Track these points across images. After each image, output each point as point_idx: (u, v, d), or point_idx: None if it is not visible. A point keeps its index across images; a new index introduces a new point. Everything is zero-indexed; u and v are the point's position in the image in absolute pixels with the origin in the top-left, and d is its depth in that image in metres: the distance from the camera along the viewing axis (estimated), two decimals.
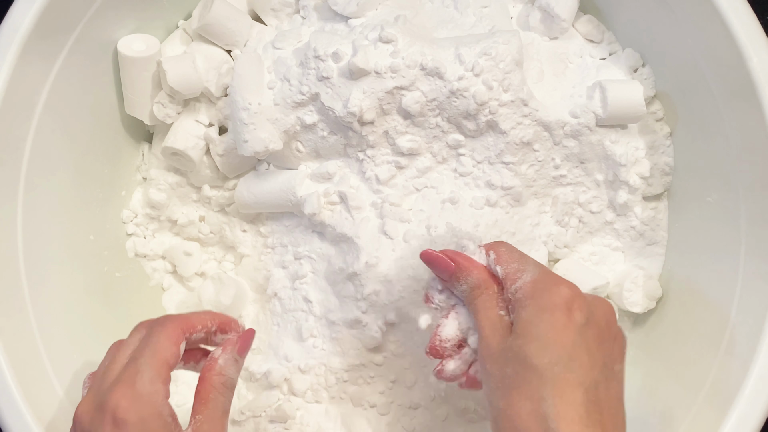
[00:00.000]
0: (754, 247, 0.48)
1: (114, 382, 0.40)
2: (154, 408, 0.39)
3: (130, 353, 0.42)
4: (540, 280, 0.40)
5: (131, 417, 0.38)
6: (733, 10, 0.46)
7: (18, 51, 0.47)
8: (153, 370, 0.40)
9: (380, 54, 0.51)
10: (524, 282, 0.40)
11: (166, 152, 0.58)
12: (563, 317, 0.38)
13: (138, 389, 0.39)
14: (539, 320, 0.38)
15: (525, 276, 0.41)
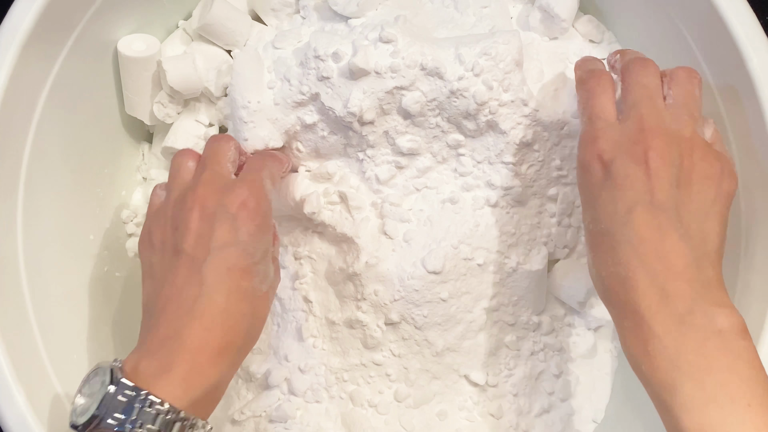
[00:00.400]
0: (754, 247, 0.48)
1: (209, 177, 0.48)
2: (263, 193, 0.47)
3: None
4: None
5: (251, 203, 0.46)
6: (733, 10, 0.46)
7: (18, 51, 0.47)
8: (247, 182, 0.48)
9: (380, 54, 0.51)
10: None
11: (166, 152, 0.58)
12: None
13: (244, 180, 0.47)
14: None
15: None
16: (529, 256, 0.55)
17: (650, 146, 0.41)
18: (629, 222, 0.40)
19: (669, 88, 0.44)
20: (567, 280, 0.56)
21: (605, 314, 0.57)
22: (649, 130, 0.42)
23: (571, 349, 0.58)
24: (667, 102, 0.44)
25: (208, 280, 0.42)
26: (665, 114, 0.43)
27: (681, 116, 0.43)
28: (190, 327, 0.41)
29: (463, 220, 0.53)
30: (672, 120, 0.42)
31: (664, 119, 0.42)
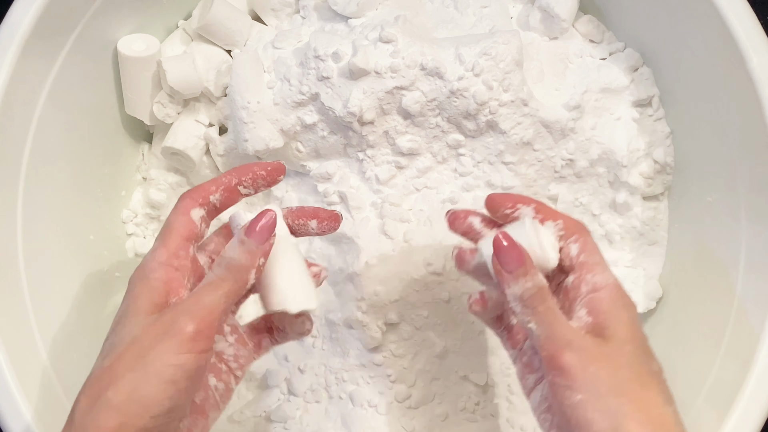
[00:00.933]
0: (754, 248, 0.48)
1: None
2: (140, 272, 0.40)
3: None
4: (620, 287, 0.40)
5: (128, 285, 0.40)
6: (733, 10, 0.46)
7: (18, 51, 0.47)
8: (156, 242, 0.40)
9: (380, 54, 0.51)
10: (609, 282, 0.40)
11: (166, 152, 0.58)
12: (644, 335, 0.40)
13: (143, 263, 0.40)
14: (638, 328, 0.39)
15: (608, 275, 0.40)
16: None
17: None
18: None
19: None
20: None
21: None
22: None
23: None
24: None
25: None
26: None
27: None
28: None
29: None
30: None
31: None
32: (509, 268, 0.39)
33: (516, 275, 0.39)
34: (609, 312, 0.39)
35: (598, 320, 0.39)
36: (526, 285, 0.39)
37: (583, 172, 0.55)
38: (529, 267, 0.39)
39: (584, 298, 0.40)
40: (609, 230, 0.57)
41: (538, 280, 0.39)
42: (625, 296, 0.40)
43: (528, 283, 0.39)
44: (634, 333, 0.39)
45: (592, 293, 0.40)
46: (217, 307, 0.37)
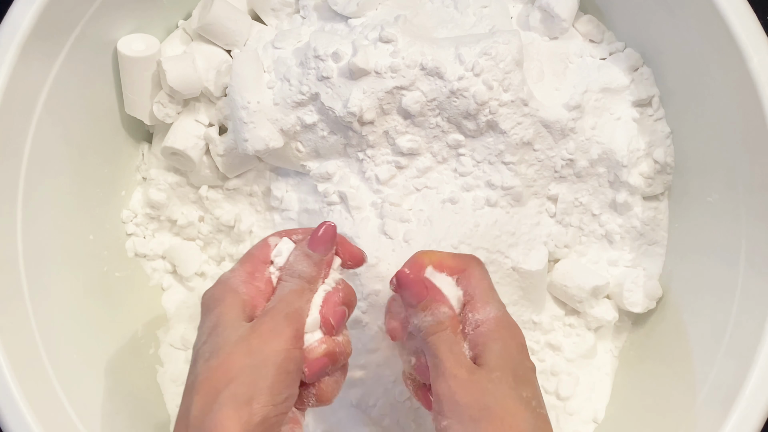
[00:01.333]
0: (754, 247, 0.48)
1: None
2: (228, 287, 0.42)
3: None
4: (503, 318, 0.42)
5: (206, 298, 0.42)
6: (733, 10, 0.46)
7: (18, 51, 0.47)
8: (236, 264, 0.43)
9: (380, 54, 0.51)
10: (489, 316, 0.42)
11: (166, 152, 0.58)
12: (527, 357, 0.42)
13: (219, 278, 0.43)
14: (511, 357, 0.41)
15: (490, 310, 0.42)
16: (529, 256, 0.55)
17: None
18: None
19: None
20: (567, 280, 0.57)
21: (605, 314, 0.57)
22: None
23: (571, 349, 0.58)
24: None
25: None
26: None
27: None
28: None
29: (463, 220, 0.53)
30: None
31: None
32: (410, 302, 0.43)
33: (416, 309, 0.42)
34: (484, 344, 0.41)
35: (475, 352, 0.41)
36: (426, 319, 0.42)
37: (583, 172, 0.55)
38: (429, 302, 0.42)
39: (469, 335, 0.42)
40: (609, 230, 0.57)
41: (439, 314, 0.42)
42: (504, 328, 0.42)
43: (427, 317, 0.42)
44: (504, 361, 0.40)
45: (474, 329, 0.42)
46: (305, 312, 0.41)
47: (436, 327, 0.42)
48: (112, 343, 0.56)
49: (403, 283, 0.43)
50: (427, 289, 0.43)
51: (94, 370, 0.53)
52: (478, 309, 0.42)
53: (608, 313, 0.57)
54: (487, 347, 0.41)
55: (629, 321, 0.59)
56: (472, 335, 0.42)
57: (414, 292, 0.43)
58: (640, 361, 0.57)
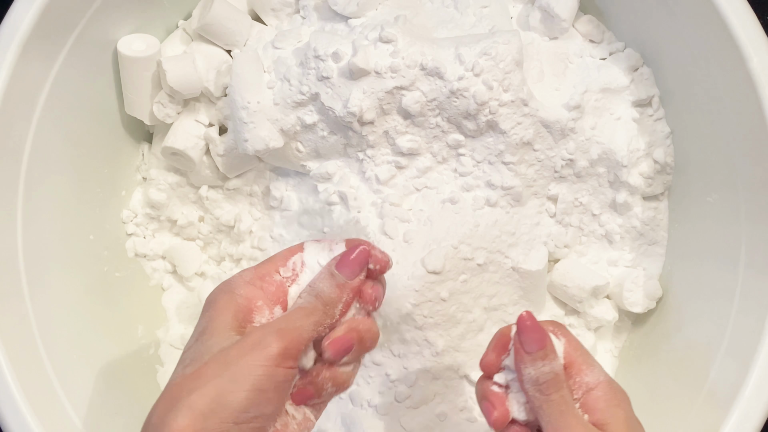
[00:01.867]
0: (754, 248, 0.48)
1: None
2: (227, 288, 0.40)
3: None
4: (613, 381, 0.40)
5: (208, 297, 0.40)
6: (733, 10, 0.46)
7: (18, 51, 0.47)
8: (251, 266, 0.42)
9: (380, 54, 0.51)
10: (600, 380, 0.40)
11: (166, 152, 0.58)
12: (640, 426, 0.41)
13: (228, 280, 0.41)
14: (634, 423, 0.40)
15: (598, 373, 0.40)
16: (529, 256, 0.55)
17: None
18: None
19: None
20: (567, 280, 0.57)
21: (605, 314, 0.57)
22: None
23: None
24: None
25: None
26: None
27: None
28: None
29: (463, 220, 0.53)
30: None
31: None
32: (529, 349, 0.39)
33: (534, 357, 0.39)
34: (605, 410, 0.39)
35: (595, 418, 0.39)
36: (543, 369, 0.39)
37: (583, 172, 0.55)
38: (549, 351, 0.39)
39: (579, 399, 0.40)
40: (609, 230, 0.57)
41: (556, 365, 0.39)
42: (619, 393, 0.40)
43: (545, 367, 0.39)
44: (630, 428, 0.39)
45: (586, 394, 0.40)
46: (306, 333, 0.38)
47: (556, 383, 0.39)
48: (112, 343, 0.56)
49: (523, 328, 0.40)
50: (547, 337, 0.40)
51: (94, 370, 0.53)
52: (584, 372, 0.40)
53: (608, 313, 0.57)
54: (610, 414, 0.39)
55: (629, 321, 0.59)
56: (585, 399, 0.40)
57: (536, 338, 0.39)
58: (640, 361, 0.57)
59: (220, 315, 0.38)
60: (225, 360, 0.36)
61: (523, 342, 0.40)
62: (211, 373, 0.36)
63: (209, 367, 0.36)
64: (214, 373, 0.36)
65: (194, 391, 0.35)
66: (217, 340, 0.37)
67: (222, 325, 0.38)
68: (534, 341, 0.39)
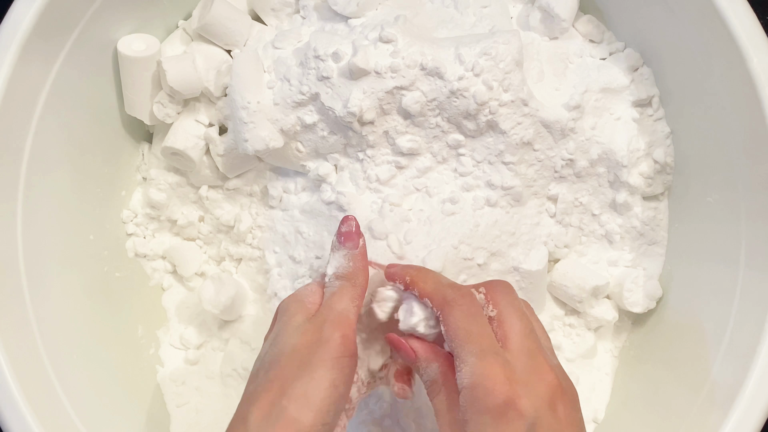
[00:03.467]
0: (754, 247, 0.48)
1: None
2: (296, 297, 0.44)
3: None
4: (475, 384, 0.37)
5: (281, 306, 0.44)
6: (733, 10, 0.46)
7: (18, 51, 0.47)
8: (313, 280, 0.47)
9: (380, 54, 0.51)
10: (462, 381, 0.38)
11: (166, 152, 0.58)
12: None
13: (297, 292, 0.45)
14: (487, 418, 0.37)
15: (464, 371, 0.38)
16: (529, 256, 0.55)
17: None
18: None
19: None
20: (567, 280, 0.57)
21: (605, 314, 0.57)
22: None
23: (571, 349, 0.58)
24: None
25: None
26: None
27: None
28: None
29: (463, 220, 0.53)
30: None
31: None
32: (408, 362, 0.44)
33: (414, 367, 0.44)
34: (463, 423, 0.38)
35: (463, 424, 0.38)
36: (424, 378, 0.43)
37: (583, 172, 0.55)
38: (421, 361, 0.42)
39: (459, 394, 0.39)
40: (609, 230, 0.57)
41: (430, 372, 0.42)
42: (478, 399, 0.37)
43: (424, 376, 0.43)
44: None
45: (458, 394, 0.39)
46: (350, 311, 0.42)
47: (432, 387, 0.42)
48: (112, 343, 0.56)
49: (392, 344, 0.44)
50: (413, 349, 0.43)
51: (94, 370, 0.53)
52: (456, 372, 0.39)
53: (608, 313, 0.57)
54: (467, 429, 0.38)
55: (629, 321, 0.59)
56: (460, 400, 0.39)
57: (402, 354, 0.44)
58: (640, 361, 0.57)
59: (292, 319, 0.42)
60: (300, 360, 0.39)
61: (401, 357, 0.44)
62: (291, 375, 0.38)
63: (287, 369, 0.39)
64: (294, 375, 0.38)
65: (282, 395, 0.38)
66: (288, 341, 0.40)
67: (294, 326, 0.41)
68: (405, 357, 0.44)
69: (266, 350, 0.42)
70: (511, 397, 0.36)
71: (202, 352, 0.61)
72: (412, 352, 0.43)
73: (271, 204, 0.59)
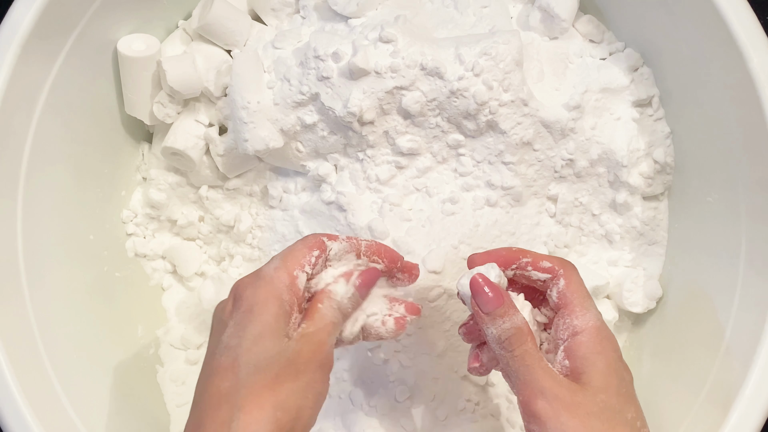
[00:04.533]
0: (754, 247, 0.48)
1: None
2: (273, 291, 0.40)
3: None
4: (603, 328, 0.41)
5: (247, 294, 0.40)
6: (733, 10, 0.46)
7: (18, 51, 0.47)
8: (279, 261, 0.41)
9: (380, 54, 0.51)
10: (588, 325, 0.40)
11: (166, 152, 0.58)
12: (626, 369, 0.41)
13: (260, 273, 0.41)
14: (615, 374, 0.39)
15: (589, 318, 0.41)
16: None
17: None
18: None
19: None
20: None
21: (605, 314, 0.57)
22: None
23: None
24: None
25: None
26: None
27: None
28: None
29: (463, 220, 0.53)
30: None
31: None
32: (487, 309, 0.41)
33: (493, 316, 0.40)
34: (585, 358, 0.39)
35: (575, 365, 0.40)
36: (504, 326, 0.40)
37: (583, 172, 0.55)
38: (507, 308, 0.40)
39: (565, 341, 0.40)
40: (609, 230, 0.57)
41: (516, 320, 0.40)
42: (605, 339, 0.40)
43: (506, 324, 0.40)
44: (608, 380, 0.39)
45: (572, 337, 0.40)
46: (332, 343, 0.41)
47: (519, 337, 0.40)
48: (112, 343, 0.56)
49: (477, 290, 0.41)
50: (503, 294, 0.41)
51: (94, 370, 0.53)
52: (576, 314, 0.41)
53: (608, 313, 0.57)
54: (590, 362, 0.39)
55: (629, 321, 0.59)
56: (569, 343, 0.40)
57: (491, 298, 0.41)
58: (640, 361, 0.57)
59: (276, 321, 0.40)
60: (295, 372, 0.38)
61: (479, 304, 0.41)
62: (286, 387, 0.37)
63: (281, 378, 0.38)
64: (291, 388, 0.37)
65: (278, 406, 0.37)
66: (277, 349, 0.39)
67: (278, 331, 0.39)
68: (489, 302, 0.41)
69: (247, 347, 0.38)
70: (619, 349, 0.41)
71: (202, 352, 0.61)
72: (501, 297, 0.41)
73: (271, 204, 0.59)
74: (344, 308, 0.43)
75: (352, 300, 0.43)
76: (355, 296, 0.43)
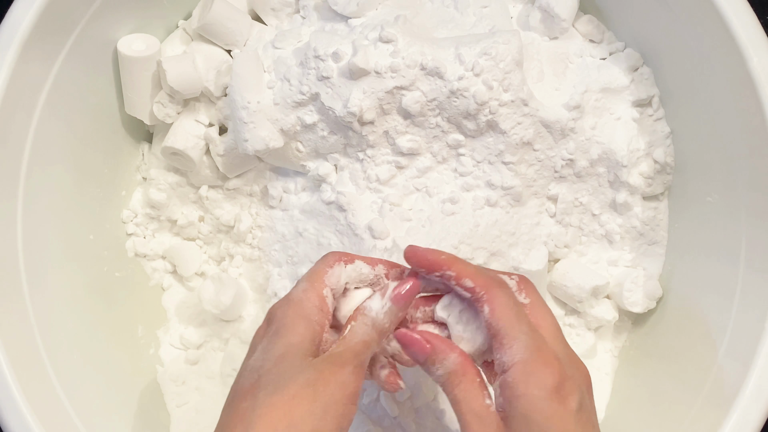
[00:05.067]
0: (754, 247, 0.48)
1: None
2: (300, 312, 0.40)
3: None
4: (529, 360, 0.38)
5: (278, 316, 0.40)
6: (733, 10, 0.46)
7: (18, 51, 0.47)
8: (306, 283, 0.42)
9: (380, 54, 0.51)
10: (514, 361, 0.38)
11: (166, 152, 0.58)
12: (560, 409, 0.37)
13: (289, 296, 0.41)
14: (538, 415, 0.37)
15: (515, 350, 0.38)
16: (529, 256, 0.55)
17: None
18: None
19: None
20: (567, 280, 0.57)
21: (605, 314, 0.57)
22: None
23: None
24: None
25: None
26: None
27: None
28: None
29: (463, 220, 0.53)
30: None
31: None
32: (418, 360, 0.41)
33: (426, 365, 0.41)
34: (509, 401, 0.38)
35: (505, 404, 0.38)
36: (437, 372, 0.40)
37: (583, 172, 0.55)
38: (436, 354, 0.40)
39: (498, 376, 0.39)
40: (609, 230, 0.57)
41: (448, 363, 0.40)
42: (530, 375, 0.38)
43: (438, 370, 0.40)
44: (529, 427, 0.37)
45: (502, 374, 0.39)
46: (366, 363, 0.40)
47: (451, 379, 0.40)
48: (112, 343, 0.56)
49: (404, 342, 0.41)
50: (428, 342, 0.41)
51: (94, 370, 0.53)
52: (504, 348, 0.39)
53: (608, 313, 0.57)
54: (512, 406, 0.38)
55: (629, 321, 0.59)
56: (501, 380, 0.39)
57: (418, 349, 0.41)
58: (640, 361, 0.57)
59: (302, 343, 0.39)
60: (313, 394, 0.37)
61: (411, 356, 0.42)
62: (302, 409, 0.37)
63: (298, 400, 0.37)
64: (307, 409, 0.37)
65: (290, 427, 0.36)
66: (298, 370, 0.38)
67: (303, 352, 0.39)
68: (418, 353, 0.41)
69: (268, 368, 0.38)
70: (564, 375, 0.38)
71: (202, 352, 0.61)
72: (427, 347, 0.41)
73: (271, 204, 0.59)
74: (380, 324, 0.42)
75: (389, 314, 0.42)
76: (392, 310, 0.42)
